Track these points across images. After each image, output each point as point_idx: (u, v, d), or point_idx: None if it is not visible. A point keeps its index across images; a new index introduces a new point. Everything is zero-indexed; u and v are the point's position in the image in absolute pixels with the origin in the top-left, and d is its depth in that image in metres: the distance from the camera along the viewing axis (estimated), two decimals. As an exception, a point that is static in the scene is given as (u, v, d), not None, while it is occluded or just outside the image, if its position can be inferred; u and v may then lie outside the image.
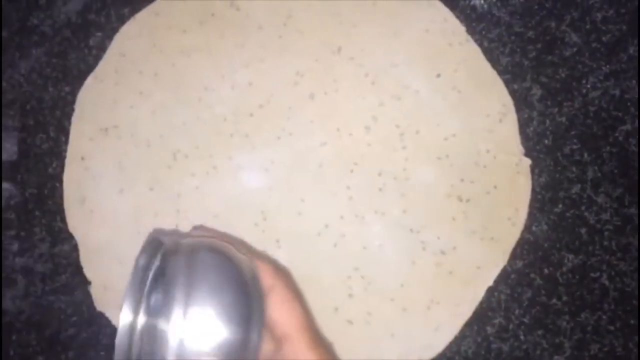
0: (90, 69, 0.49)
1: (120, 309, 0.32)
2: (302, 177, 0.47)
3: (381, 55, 0.48)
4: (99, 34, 0.49)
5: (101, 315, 0.47)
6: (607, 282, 0.47)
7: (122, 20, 0.49)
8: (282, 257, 0.47)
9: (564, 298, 0.47)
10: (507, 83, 0.48)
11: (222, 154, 0.47)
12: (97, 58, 0.49)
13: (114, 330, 0.47)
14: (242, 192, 0.47)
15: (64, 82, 0.49)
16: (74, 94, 0.49)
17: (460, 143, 0.47)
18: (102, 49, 0.49)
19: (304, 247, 0.47)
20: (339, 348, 0.46)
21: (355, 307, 0.46)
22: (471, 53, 0.48)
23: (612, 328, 0.47)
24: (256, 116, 0.48)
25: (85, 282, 0.47)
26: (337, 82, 0.48)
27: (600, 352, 0.47)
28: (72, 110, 0.48)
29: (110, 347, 0.47)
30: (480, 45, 0.48)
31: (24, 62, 0.49)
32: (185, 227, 0.47)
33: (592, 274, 0.47)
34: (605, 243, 0.47)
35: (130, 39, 0.48)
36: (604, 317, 0.47)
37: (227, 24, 0.48)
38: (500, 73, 0.48)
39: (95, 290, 0.47)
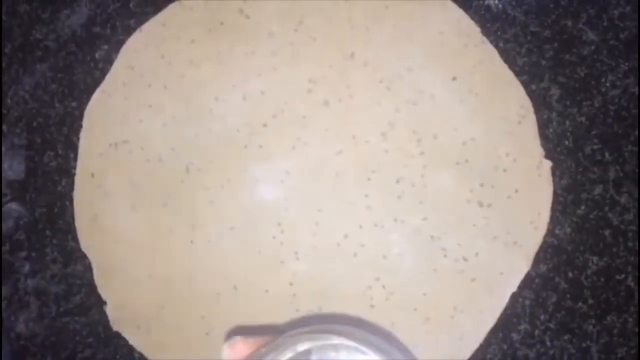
0: (97, 83, 0.47)
1: None
2: (318, 187, 0.46)
3: (395, 59, 0.47)
4: (105, 46, 0.48)
5: (118, 335, 0.46)
6: (632, 284, 0.46)
7: (128, 32, 0.47)
8: (301, 269, 0.46)
9: (590, 301, 0.46)
10: (525, 84, 0.47)
11: (236, 166, 0.46)
12: (104, 72, 0.47)
13: (131, 350, 0.46)
14: (258, 205, 0.46)
15: (71, 97, 0.48)
16: (81, 110, 0.47)
17: (479, 147, 0.46)
18: (108, 62, 0.47)
19: (323, 259, 0.46)
20: (362, 360, 0.45)
21: (378, 318, 0.45)
22: (487, 54, 0.47)
23: (639, 330, 0.46)
24: (270, 126, 0.46)
25: (101, 302, 0.46)
26: (351, 88, 0.47)
27: (627, 355, 0.46)
28: (80, 126, 0.47)
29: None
30: (496, 46, 0.47)
31: (28, 78, 0.48)
32: (200, 243, 0.46)
33: (617, 276, 0.46)
34: (630, 244, 0.46)
35: (138, 51, 0.47)
36: (631, 319, 0.46)
37: (237, 32, 0.47)
38: (518, 74, 0.47)
39: (110, 310, 0.46)
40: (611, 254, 0.46)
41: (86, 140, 0.47)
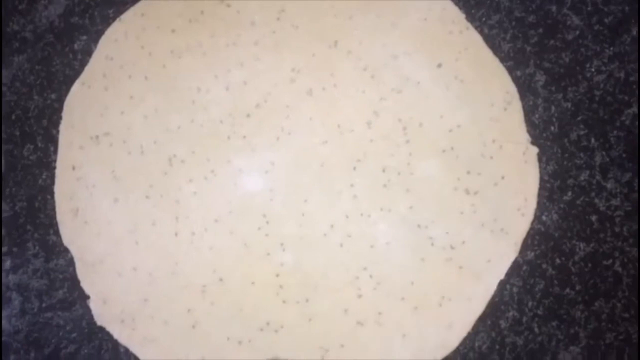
0: (76, 74, 0.46)
1: None
2: (304, 177, 0.46)
3: (379, 47, 0.46)
4: (84, 37, 0.47)
5: (102, 329, 0.45)
6: (620, 269, 0.46)
7: (107, 22, 0.47)
8: (287, 260, 0.45)
9: (577, 287, 0.46)
10: (510, 70, 0.46)
11: (219, 157, 0.46)
12: (83, 63, 0.47)
13: (115, 344, 0.46)
14: (242, 196, 0.46)
15: (50, 89, 0.47)
16: (60, 102, 0.46)
17: (465, 134, 0.46)
18: (88, 53, 0.47)
19: (310, 249, 0.45)
20: (350, 350, 0.45)
21: (365, 308, 0.45)
22: (472, 41, 0.46)
23: (626, 315, 0.46)
24: (253, 116, 0.46)
25: (84, 297, 0.46)
26: (335, 76, 0.46)
27: (616, 340, 0.46)
28: (60, 118, 0.46)
29: (113, 362, 0.46)
30: (481, 32, 0.47)
31: (5, 71, 0.47)
32: (185, 235, 0.45)
33: (605, 262, 0.46)
34: (617, 229, 0.46)
35: (117, 42, 0.46)
36: (619, 304, 0.46)
37: (218, 21, 0.46)
38: (503, 60, 0.46)
39: (94, 305, 0.45)
40: (598, 240, 0.46)
41: (66, 133, 0.46)
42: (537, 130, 0.47)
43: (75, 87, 0.46)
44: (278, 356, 0.43)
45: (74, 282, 0.46)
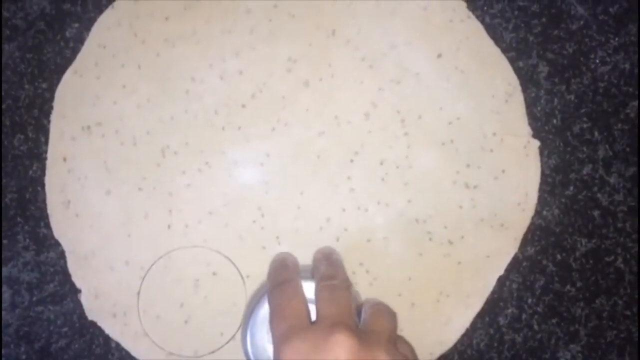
0: (68, 63, 0.45)
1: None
2: (300, 169, 0.45)
3: (378, 36, 0.45)
4: (76, 24, 0.46)
5: (93, 324, 0.45)
6: (622, 266, 0.45)
7: (100, 9, 0.45)
8: (282, 254, 0.44)
9: (578, 284, 0.45)
10: (512, 61, 0.45)
11: (214, 148, 0.45)
12: (75, 51, 0.45)
13: (107, 339, 0.45)
14: (237, 188, 0.45)
15: (41, 78, 0.46)
16: (52, 91, 0.45)
17: (465, 127, 0.45)
18: (80, 41, 0.45)
19: (306, 243, 0.44)
20: (346, 347, 0.44)
21: (362, 304, 0.44)
22: (473, 30, 0.45)
23: (628, 313, 0.45)
24: (248, 107, 0.45)
25: (75, 291, 0.45)
26: (332, 67, 0.45)
27: (617, 338, 0.45)
28: (51, 108, 0.45)
29: (104, 357, 0.45)
30: (482, 21, 0.45)
31: (-4, 58, 0.46)
32: (178, 228, 0.44)
33: (607, 258, 0.45)
34: (619, 225, 0.45)
35: (110, 29, 0.45)
36: (620, 302, 0.45)
37: (213, 8, 0.45)
38: (505, 50, 0.45)
39: (85, 299, 0.45)
40: (600, 236, 0.45)
41: (57, 123, 0.45)
42: (539, 123, 0.45)
43: (67, 76, 0.45)
44: None
45: (65, 275, 0.45)
